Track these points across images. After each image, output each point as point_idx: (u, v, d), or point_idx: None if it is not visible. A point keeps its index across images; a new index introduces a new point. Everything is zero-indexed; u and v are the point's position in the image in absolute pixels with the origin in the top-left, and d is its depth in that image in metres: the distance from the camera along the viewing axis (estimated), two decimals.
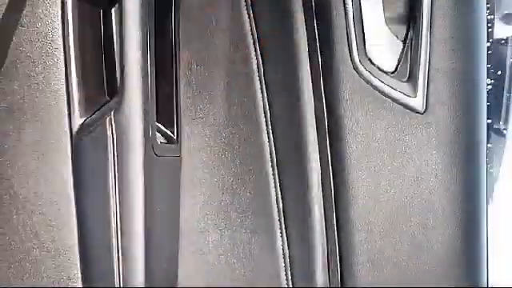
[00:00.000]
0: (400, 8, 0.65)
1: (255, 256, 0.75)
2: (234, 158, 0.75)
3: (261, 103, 0.74)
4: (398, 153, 0.65)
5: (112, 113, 0.63)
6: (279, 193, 0.73)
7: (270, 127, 0.74)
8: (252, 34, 0.74)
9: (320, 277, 0.69)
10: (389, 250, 0.66)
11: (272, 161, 0.74)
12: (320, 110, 0.68)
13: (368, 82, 0.65)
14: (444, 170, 0.65)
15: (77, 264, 0.66)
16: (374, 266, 0.67)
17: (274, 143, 0.74)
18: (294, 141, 0.71)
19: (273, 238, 0.74)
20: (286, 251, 0.73)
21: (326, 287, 0.70)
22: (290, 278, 0.75)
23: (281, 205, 0.73)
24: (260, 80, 0.74)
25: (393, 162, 0.66)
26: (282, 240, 0.73)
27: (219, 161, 0.76)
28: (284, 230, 0.73)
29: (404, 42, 0.65)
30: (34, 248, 0.67)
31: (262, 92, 0.74)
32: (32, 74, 0.65)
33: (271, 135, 0.74)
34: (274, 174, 0.74)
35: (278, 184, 0.74)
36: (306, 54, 0.70)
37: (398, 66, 0.65)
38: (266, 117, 0.74)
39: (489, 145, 0.69)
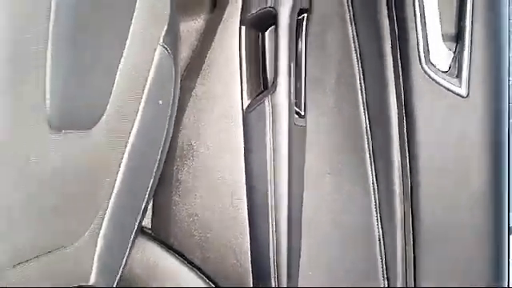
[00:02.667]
0: (451, 30, 1.00)
1: (347, 188, 1.12)
2: (338, 124, 1.12)
3: (359, 90, 1.11)
4: (449, 122, 1.01)
5: (269, 96, 1.02)
6: (370, 140, 1.10)
7: (366, 110, 1.10)
8: (354, 45, 1.11)
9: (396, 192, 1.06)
10: (440, 183, 1.02)
11: (366, 127, 1.10)
12: (399, 96, 1.04)
13: (430, 77, 1.00)
14: (479, 134, 0.99)
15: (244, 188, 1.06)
16: (426, 192, 1.02)
17: (369, 120, 1.10)
18: (381, 117, 1.08)
19: (364, 175, 1.10)
20: (375, 184, 1.10)
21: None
22: (378, 206, 1.11)
23: (371, 146, 1.10)
24: (359, 76, 1.11)
25: (446, 129, 1.02)
26: (373, 179, 1.10)
27: (329, 126, 1.12)
28: (373, 168, 1.10)
29: (454, 52, 1.01)
30: (216, 179, 1.07)
31: (360, 83, 1.11)
32: (218, 72, 1.06)
33: (367, 115, 1.11)
34: (368, 135, 1.10)
35: (371, 139, 1.10)
36: (391, 58, 1.06)
37: (450, 67, 1.01)
38: (362, 100, 1.11)
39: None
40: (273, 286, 1.05)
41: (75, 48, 0.73)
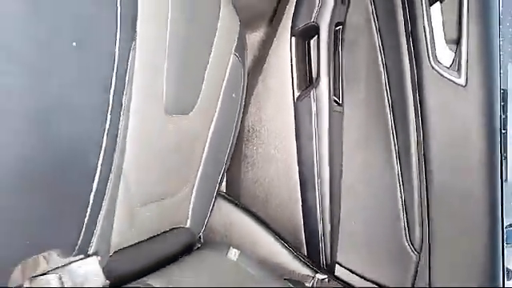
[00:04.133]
0: (452, 35, 1.31)
1: (375, 161, 1.43)
2: (368, 113, 1.44)
3: (383, 84, 1.42)
4: (452, 106, 1.31)
5: (314, 89, 1.35)
6: (393, 124, 1.40)
7: (390, 99, 1.41)
8: (379, 49, 1.42)
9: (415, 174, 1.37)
10: (446, 151, 1.32)
11: (390, 114, 1.42)
12: (413, 86, 1.35)
13: (437, 71, 1.30)
14: (476, 114, 1.29)
15: (295, 160, 1.39)
16: (436, 159, 1.33)
17: (392, 108, 1.41)
18: (400, 104, 1.39)
19: (389, 152, 1.42)
20: (398, 163, 1.41)
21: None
22: (401, 185, 1.42)
23: (394, 129, 1.40)
24: (384, 73, 1.42)
25: (450, 111, 1.32)
26: (395, 153, 1.41)
27: (361, 115, 1.44)
28: (396, 145, 1.41)
29: (455, 52, 1.31)
30: (274, 153, 1.41)
31: (384, 79, 1.42)
32: (275, 72, 1.40)
33: (390, 103, 1.42)
34: (391, 118, 1.41)
35: (393, 122, 1.41)
36: (407, 58, 1.37)
37: (452, 63, 1.31)
38: (387, 92, 1.42)
39: (502, 103, 1.32)
40: (320, 235, 1.38)
41: (182, 59, 1.08)
